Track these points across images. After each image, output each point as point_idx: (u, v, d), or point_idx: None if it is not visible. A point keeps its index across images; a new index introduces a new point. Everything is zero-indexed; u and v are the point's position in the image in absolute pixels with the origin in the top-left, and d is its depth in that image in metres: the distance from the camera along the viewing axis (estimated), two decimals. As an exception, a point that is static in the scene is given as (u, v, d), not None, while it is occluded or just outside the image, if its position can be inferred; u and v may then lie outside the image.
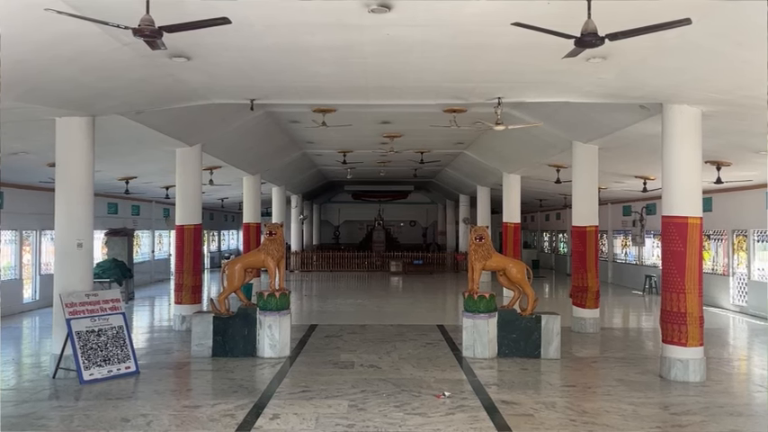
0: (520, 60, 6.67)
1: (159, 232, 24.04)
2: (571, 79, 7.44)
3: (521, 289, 9.66)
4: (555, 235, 30.14)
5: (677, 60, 6.35)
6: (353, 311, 15.08)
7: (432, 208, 39.21)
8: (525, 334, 9.41)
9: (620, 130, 10.00)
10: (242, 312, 9.48)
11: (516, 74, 7.28)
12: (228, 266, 9.69)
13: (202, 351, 9.34)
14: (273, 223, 9.84)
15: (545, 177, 16.83)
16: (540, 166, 15.22)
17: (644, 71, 6.85)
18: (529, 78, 7.50)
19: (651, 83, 7.29)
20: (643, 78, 7.14)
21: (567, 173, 13.88)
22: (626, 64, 6.67)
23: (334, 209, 39.69)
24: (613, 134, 10.39)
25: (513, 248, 17.30)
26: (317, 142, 16.74)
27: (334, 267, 28.06)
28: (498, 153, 16.41)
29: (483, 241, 9.47)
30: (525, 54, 6.44)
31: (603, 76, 7.18)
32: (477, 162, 18.52)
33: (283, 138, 15.53)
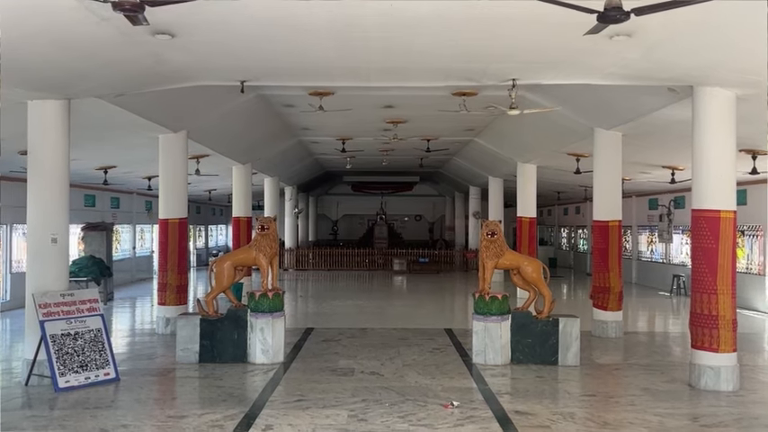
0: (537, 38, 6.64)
1: (141, 227, 24.08)
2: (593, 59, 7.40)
3: (536, 289, 9.66)
4: (574, 231, 30.13)
5: (710, 38, 6.32)
6: (353, 314, 15.10)
7: (439, 201, 39.22)
8: (541, 339, 9.42)
9: (645, 115, 9.97)
10: (231, 314, 9.50)
11: (533, 52, 7.26)
12: (217, 264, 9.70)
13: (188, 356, 9.36)
14: (266, 217, 9.85)
15: (563, 167, 16.80)
16: (558, 154, 15.19)
17: (673, 50, 6.82)
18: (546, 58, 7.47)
19: (681, 63, 7.26)
20: (672, 58, 7.11)
21: (588, 162, 13.86)
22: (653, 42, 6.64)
23: (331, 202, 39.72)
24: (638, 120, 10.36)
25: (528, 245, 17.31)
26: (314, 129, 16.73)
27: (331, 266, 28.09)
28: (512, 141, 16.38)
29: (495, 237, 9.47)
30: (543, 31, 6.41)
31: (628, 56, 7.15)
32: (489, 151, 18.49)
33: (276, 124, 15.52)
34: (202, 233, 32.35)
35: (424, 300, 18.04)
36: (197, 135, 12.78)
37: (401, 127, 15.70)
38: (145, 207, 23.79)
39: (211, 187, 23.85)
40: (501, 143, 17.30)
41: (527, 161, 17.28)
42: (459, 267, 28.34)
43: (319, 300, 17.88)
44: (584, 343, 10.11)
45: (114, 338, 11.41)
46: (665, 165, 15.24)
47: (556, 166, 17.09)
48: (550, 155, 15.68)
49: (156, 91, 9.09)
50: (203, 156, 15.46)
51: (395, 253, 28.75)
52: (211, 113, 12.11)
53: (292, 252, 28.39)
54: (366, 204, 37.82)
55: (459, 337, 11.53)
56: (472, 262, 27.27)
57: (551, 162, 16.65)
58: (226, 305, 10.04)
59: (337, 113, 13.11)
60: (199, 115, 11.92)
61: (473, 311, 9.66)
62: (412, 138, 17.49)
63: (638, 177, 17.70)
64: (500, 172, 21.29)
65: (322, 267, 28.05)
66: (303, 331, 12.14)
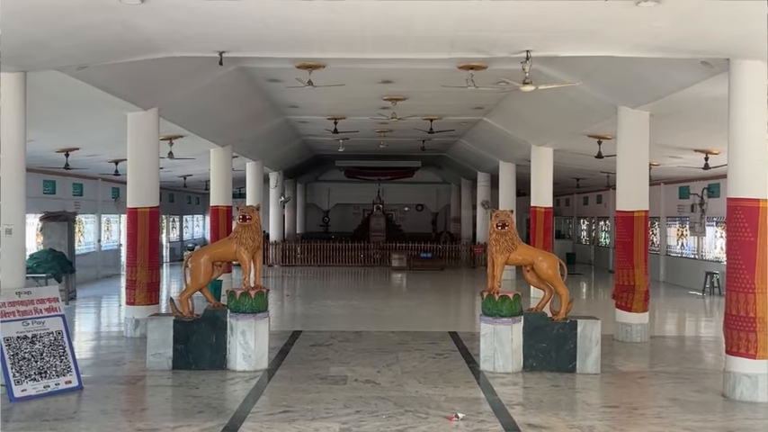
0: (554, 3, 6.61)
1: (107, 217, 24.06)
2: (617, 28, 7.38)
3: (552, 288, 9.68)
4: (595, 222, 30.18)
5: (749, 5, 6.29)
6: (346, 315, 15.13)
7: (443, 189, 39.23)
8: (557, 343, 9.44)
9: (676, 92, 9.95)
10: (209, 315, 9.51)
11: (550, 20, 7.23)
12: (192, 259, 9.71)
13: (160, 362, 9.38)
14: (248, 206, 9.84)
15: (583, 151, 16.79)
16: (578, 136, 15.18)
17: (707, 18, 6.80)
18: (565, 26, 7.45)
19: (716, 32, 7.23)
20: (706, 27, 7.09)
21: (611, 145, 13.85)
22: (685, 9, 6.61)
23: (322, 190, 39.72)
24: (668, 97, 10.34)
25: (543, 238, 17.34)
26: (302, 106, 16.70)
27: (322, 261, 28.11)
28: (526, 121, 16.37)
29: (506, 229, 9.47)
30: (561, -5, 6.39)
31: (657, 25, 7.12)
32: (500, 132, 18.47)
33: (260, 101, 15.48)
34: (176, 224, 32.33)
35: (425, 299, 18.07)
36: (170, 113, 12.74)
37: (400, 105, 15.66)
38: (111, 195, 23.75)
39: (186, 173, 23.80)
40: (513, 124, 17.27)
41: (542, 144, 17.26)
42: (466, 263, 28.35)
43: (308, 299, 17.91)
44: (605, 348, 10.14)
45: (77, 342, 11.40)
46: (697, 148, 15.24)
47: (575, 149, 17.07)
48: (569, 137, 15.67)
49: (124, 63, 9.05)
50: (177, 137, 15.42)
51: (393, 247, 28.77)
52: (186, 89, 12.06)
53: (278, 246, 28.40)
54: (361, 192, 37.81)
55: (466, 342, 11.55)
56: (480, 257, 27.28)
57: (570, 145, 16.64)
58: (202, 305, 10.04)
59: (328, 89, 13.08)
60: (172, 91, 11.86)
61: (481, 312, 9.67)
62: (413, 117, 17.46)
63: (667, 162, 17.70)
64: (512, 156, 21.26)
65: (311, 263, 28.06)
66: (290, 334, 12.15)
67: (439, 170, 36.99)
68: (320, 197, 39.93)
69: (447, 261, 28.11)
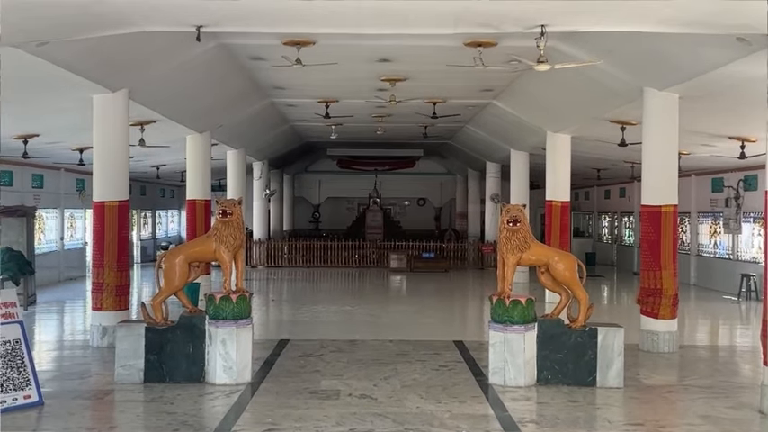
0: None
1: (71, 212, 24.02)
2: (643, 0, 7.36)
3: (570, 291, 9.68)
4: (617, 218, 30.19)
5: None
6: (339, 322, 15.14)
7: (448, 181, 39.25)
8: (575, 353, 9.45)
9: (708, 72, 9.95)
10: (185, 322, 9.50)
11: (567, -9, 7.21)
12: (167, 259, 9.69)
13: (131, 375, 9.37)
14: (228, 200, 9.82)
15: (605, 138, 16.79)
16: (599, 122, 15.18)
17: (745, -12, 6.78)
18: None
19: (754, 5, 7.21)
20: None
21: (636, 132, 13.85)
22: (720, -22, 6.60)
23: (312, 182, 39.70)
24: (699, 78, 10.34)
25: (559, 236, 17.35)
26: (290, 88, 16.68)
27: (312, 262, 28.12)
28: (540, 104, 16.36)
29: (518, 226, 9.46)
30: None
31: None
32: (512, 117, 18.46)
33: (242, 82, 15.46)
34: (148, 220, 32.30)
35: (428, 304, 18.09)
36: (141, 95, 12.70)
37: (400, 86, 15.65)
38: (75, 187, 23.70)
39: (160, 162, 23.76)
40: (526, 107, 17.25)
41: (559, 130, 17.26)
42: (473, 264, 28.36)
43: (296, 304, 17.91)
44: (629, 359, 10.13)
45: (37, 352, 11.38)
46: (732, 135, 15.23)
47: (595, 136, 17.07)
48: (589, 122, 15.66)
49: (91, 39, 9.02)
50: (149, 122, 15.39)
51: (392, 246, 28.77)
52: (160, 68, 12.02)
53: (262, 244, 28.40)
54: (356, 185, 37.76)
55: (473, 352, 11.56)
56: (489, 257, 27.28)
57: (590, 131, 16.64)
58: (178, 310, 10.03)
59: (319, 69, 13.05)
60: (144, 70, 11.83)
61: (490, 319, 9.67)
62: (414, 100, 17.44)
63: (699, 151, 17.70)
64: (525, 144, 21.24)
65: (300, 264, 28.06)
66: (276, 344, 12.15)
67: (443, 160, 36.95)
68: (310, 190, 39.89)
69: (452, 262, 28.11)
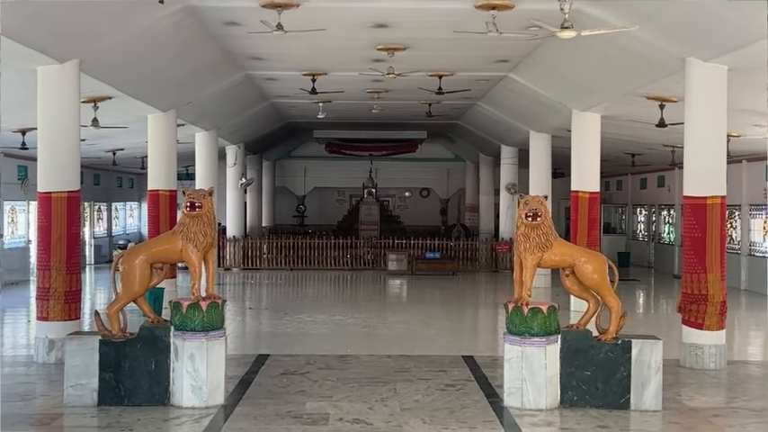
0: None
1: (11, 204, 23.98)
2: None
3: (599, 298, 9.70)
4: (655, 212, 30.19)
5: None
6: (328, 334, 15.15)
7: (456, 168, 39.25)
8: (605, 370, 9.46)
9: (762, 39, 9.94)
10: (147, 334, 9.49)
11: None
12: (125, 260, 9.68)
13: (82, 396, 9.36)
14: (197, 190, 9.79)
15: (641, 117, 16.79)
16: (633, 98, 15.18)
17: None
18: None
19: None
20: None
21: (677, 110, 13.86)
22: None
23: (296, 169, 39.63)
24: (752, 46, 10.33)
25: (587, 233, 17.35)
26: (270, 59, 16.65)
27: (296, 263, 28.10)
28: (564, 78, 16.36)
29: (539, 221, 9.45)
30: None
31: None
32: (531, 92, 18.45)
33: (214, 51, 15.45)
34: (103, 214, 32.25)
35: (432, 313, 18.08)
36: (94, 67, 12.68)
37: (399, 57, 15.62)
38: (17, 175, 23.65)
39: (116, 146, 23.71)
40: (548, 81, 17.24)
41: (587, 108, 17.24)
42: (486, 266, 28.34)
43: (278, 313, 17.89)
44: (668, 377, 10.16)
45: (-27, 370, 11.39)
46: (791, 114, 15.27)
47: (629, 115, 17.07)
48: (621, 99, 15.66)
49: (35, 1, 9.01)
50: (104, 99, 15.37)
51: (390, 245, 28.78)
52: (116, 35, 11.99)
53: (238, 243, 28.36)
54: (347, 173, 37.71)
55: (485, 369, 11.58)
56: (504, 258, 27.30)
57: (623, 110, 16.64)
58: (138, 320, 10.04)
59: (304, 36, 13.03)
60: (97, 38, 11.79)
61: (505, 330, 9.66)
62: (416, 73, 17.41)
63: (751, 133, 17.70)
64: (546, 125, 21.22)
65: (282, 265, 28.03)
66: (253, 360, 12.16)
67: (450, 143, 36.91)
68: (293, 179, 39.83)
69: (461, 263, 28.06)
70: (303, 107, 24.03)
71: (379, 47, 15.05)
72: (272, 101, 23.32)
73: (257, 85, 20.16)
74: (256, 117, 25.32)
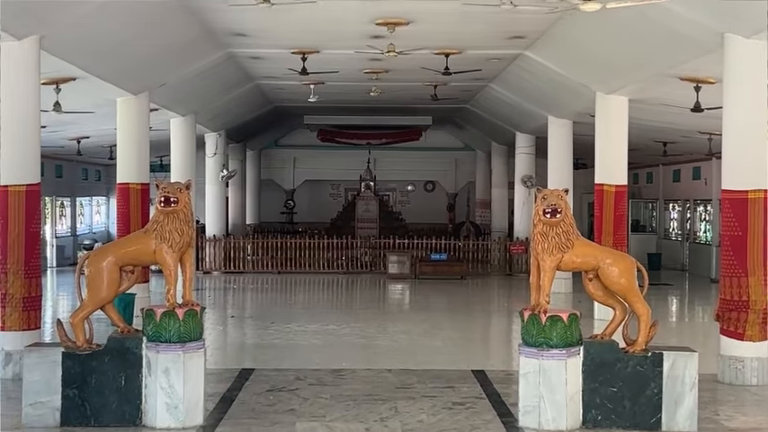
0: None
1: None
2: None
3: (626, 305, 9.67)
4: (691, 208, 30.16)
5: None
6: (320, 346, 15.14)
7: (465, 158, 39.27)
8: (634, 386, 9.44)
9: (813, 12, 9.91)
10: (116, 346, 9.46)
11: None
12: (91, 262, 9.65)
13: (43, 416, 9.33)
14: (173, 183, 9.76)
15: (673, 102, 16.77)
16: (665, 79, 15.16)
17: None
18: None
19: None
20: None
21: (715, 93, 13.83)
22: None
23: (284, 159, 39.62)
24: (801, 20, 10.31)
25: (613, 231, 17.33)
26: (254, 35, 16.65)
27: (284, 266, 28.10)
28: (588, 56, 16.34)
29: (559, 218, 9.43)
30: None
31: None
32: (550, 73, 18.43)
33: (191, 26, 15.44)
34: (66, 210, 32.21)
35: (438, 322, 18.08)
36: (56, 44, 12.65)
37: (401, 32, 15.59)
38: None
39: (81, 133, 23.73)
40: (569, 60, 17.22)
41: (612, 91, 17.21)
42: (499, 269, 28.36)
43: (264, 322, 17.87)
44: (704, 394, 10.15)
45: None
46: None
47: (661, 98, 17.05)
48: (652, 80, 15.65)
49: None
50: (67, 80, 15.36)
51: (391, 245, 28.76)
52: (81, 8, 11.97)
53: (219, 243, 28.34)
54: (343, 164, 37.74)
55: (497, 385, 11.57)
56: (520, 260, 27.28)
57: (653, 92, 16.63)
58: (106, 330, 10.01)
59: (293, 8, 13.02)
60: (59, 12, 11.77)
61: (520, 342, 9.65)
62: (420, 51, 17.41)
63: (799, 118, 17.70)
64: (567, 109, 21.20)
65: (268, 268, 28.04)
66: (236, 374, 12.14)
67: (459, 131, 36.91)
68: (282, 171, 39.82)
69: (470, 266, 28.07)
70: (292, 89, 24.02)
71: (378, 21, 15.02)
72: (257, 82, 23.30)
73: (240, 64, 20.12)
74: (239, 101, 25.31)
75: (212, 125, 27.27)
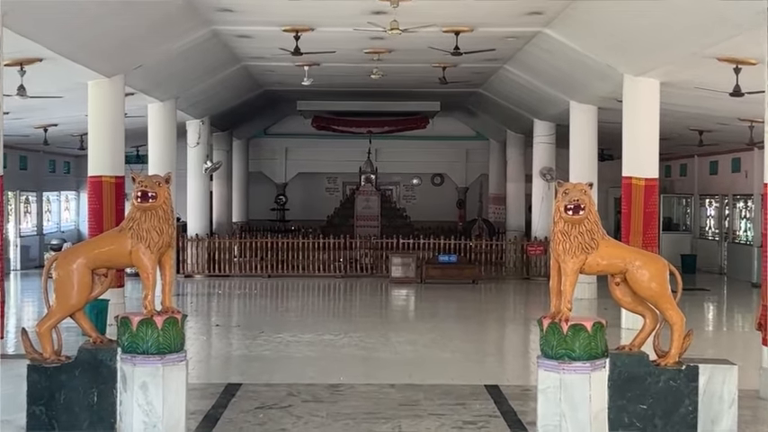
0: None
1: None
2: None
3: (658, 312, 9.69)
4: (729, 204, 30.13)
5: None
6: (315, 358, 15.16)
7: (477, 148, 39.31)
8: (666, 403, 9.46)
9: None
10: (87, 358, 9.48)
11: None
12: (60, 265, 9.67)
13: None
14: (151, 176, 9.82)
15: (710, 85, 16.77)
16: (701, 60, 15.16)
17: None
18: None
19: None
20: None
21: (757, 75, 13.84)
22: None
23: (275, 150, 39.63)
24: None
25: (642, 231, 17.32)
26: (241, 10, 16.69)
27: (275, 269, 28.16)
28: (614, 34, 16.33)
29: (583, 215, 9.44)
30: None
31: None
32: (571, 53, 18.41)
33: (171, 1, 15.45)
34: (32, 207, 32.20)
35: (447, 332, 18.10)
36: (20, 21, 12.64)
37: (406, 7, 15.59)
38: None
39: (49, 121, 23.74)
40: (593, 38, 17.20)
41: (642, 73, 17.21)
42: (515, 272, 28.40)
43: (252, 332, 17.85)
44: (745, 411, 10.16)
45: None
46: None
47: (696, 81, 17.04)
48: (685, 60, 15.63)
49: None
50: (33, 61, 15.36)
51: (394, 246, 28.80)
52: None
53: (202, 243, 28.36)
54: (340, 155, 37.80)
55: (513, 401, 11.58)
56: (538, 262, 27.33)
57: (687, 74, 16.62)
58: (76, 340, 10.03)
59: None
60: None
61: (539, 353, 9.67)
62: (427, 29, 17.43)
63: None
64: (591, 94, 21.19)
65: (257, 272, 28.12)
66: (222, 390, 12.15)
67: (470, 117, 36.93)
68: (272, 162, 39.85)
69: (483, 268, 28.09)
70: (284, 72, 24.04)
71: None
72: (244, 64, 23.32)
73: (226, 43, 20.14)
74: (225, 84, 25.32)
75: (195, 111, 27.28)
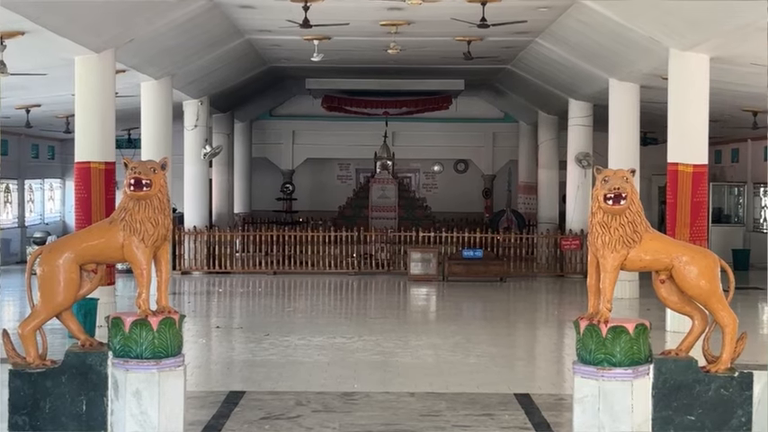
0: None
1: None
2: None
3: (707, 313, 9.67)
4: (786, 194, 30.09)
5: None
6: (327, 363, 15.19)
7: (505, 131, 39.35)
8: (717, 414, 9.46)
9: None
10: (75, 362, 9.53)
11: None
12: (44, 260, 9.71)
13: (-13, 448, 9.44)
14: (145, 162, 9.84)
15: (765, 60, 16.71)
16: (756, 33, 15.09)
17: None
18: None
19: None
20: None
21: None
22: None
23: (281, 133, 39.70)
24: None
25: (689, 222, 17.30)
26: (245, -22, 16.70)
27: (281, 265, 28.27)
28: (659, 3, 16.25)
29: (624, 205, 9.43)
30: None
31: None
32: (611, 25, 18.37)
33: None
34: (12, 196, 32.32)
35: (473, 335, 18.11)
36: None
37: (427, -25, 15.66)
38: None
39: (32, 101, 23.86)
40: (636, 9, 17.13)
41: (690, 47, 17.17)
42: (547, 269, 28.46)
43: (257, 334, 17.92)
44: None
45: None
46: None
47: (750, 56, 16.99)
48: (739, 33, 15.57)
49: None
50: (14, 34, 15.41)
51: (413, 239, 28.82)
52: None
53: (200, 237, 28.44)
54: (353, 139, 37.86)
55: (546, 412, 11.59)
56: (573, 258, 27.35)
57: (740, 49, 16.59)
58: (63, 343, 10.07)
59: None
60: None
61: (575, 359, 9.70)
62: None
63: None
64: (632, 70, 21.16)
65: (262, 268, 28.20)
66: (224, 398, 12.20)
67: (497, 97, 36.91)
68: (278, 147, 39.91)
69: (512, 265, 28.12)
70: (291, 46, 24.08)
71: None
72: (247, 37, 23.36)
73: (227, 15, 20.15)
74: (226, 60, 25.35)
75: (192, 90, 27.33)
